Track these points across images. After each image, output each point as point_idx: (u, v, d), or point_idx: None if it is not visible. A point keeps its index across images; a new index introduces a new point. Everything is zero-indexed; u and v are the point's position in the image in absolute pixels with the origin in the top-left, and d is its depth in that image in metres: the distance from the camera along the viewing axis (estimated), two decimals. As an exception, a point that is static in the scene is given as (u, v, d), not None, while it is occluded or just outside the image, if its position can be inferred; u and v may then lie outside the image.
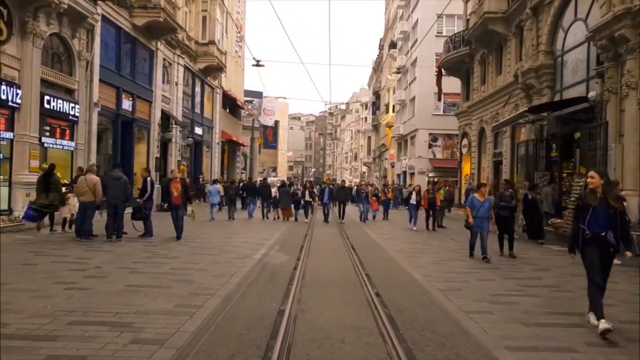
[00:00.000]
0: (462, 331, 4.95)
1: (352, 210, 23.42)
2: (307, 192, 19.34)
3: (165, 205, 14.39)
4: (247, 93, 48.06)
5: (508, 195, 10.60)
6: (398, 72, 40.45)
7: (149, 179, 12.44)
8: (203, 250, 10.12)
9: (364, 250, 11.10)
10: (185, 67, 25.77)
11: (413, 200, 16.77)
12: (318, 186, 24.13)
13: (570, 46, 14.86)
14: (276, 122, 61.07)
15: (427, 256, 10.41)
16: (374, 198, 20.85)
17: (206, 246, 10.82)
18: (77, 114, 15.40)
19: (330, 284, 7.25)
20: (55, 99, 14.31)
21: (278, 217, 19.15)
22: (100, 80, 16.94)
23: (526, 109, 13.84)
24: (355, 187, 32.38)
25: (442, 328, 5.03)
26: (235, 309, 5.60)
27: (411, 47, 39.53)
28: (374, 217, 20.69)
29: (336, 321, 5.20)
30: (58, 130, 14.83)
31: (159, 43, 21.83)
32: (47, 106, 13.89)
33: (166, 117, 23.23)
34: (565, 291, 7.05)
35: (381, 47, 60.30)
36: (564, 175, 15.59)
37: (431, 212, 16.10)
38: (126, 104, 19.31)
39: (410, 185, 36.30)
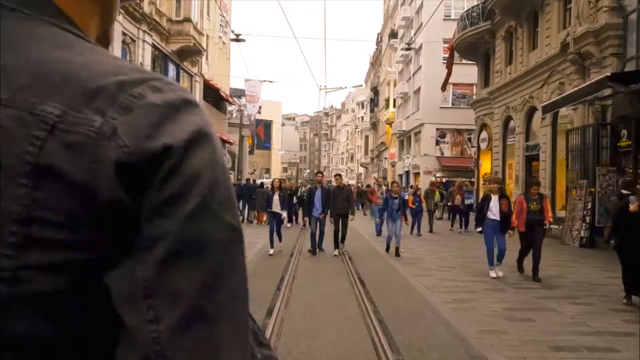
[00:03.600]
0: None
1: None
2: (275, 197, 10.59)
3: None
4: (235, 91, 43.71)
5: None
6: (408, 49, 35.43)
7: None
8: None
9: (381, 288, 7.06)
10: (155, 47, 21.70)
11: (494, 214, 7.97)
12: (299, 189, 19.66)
13: (653, -6, 10.94)
14: (269, 122, 57.00)
15: (487, 300, 6.32)
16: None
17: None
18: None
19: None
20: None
21: (251, 221, 18.36)
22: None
23: (608, 74, 9.92)
24: (356, 188, 27.59)
25: None
26: None
27: (414, 34, 35.59)
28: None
29: None
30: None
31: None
32: None
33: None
34: None
35: (379, 41, 56.42)
36: (640, 171, 11.66)
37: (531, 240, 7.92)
38: (68, 84, 15.22)
39: (413, 186, 31.43)
